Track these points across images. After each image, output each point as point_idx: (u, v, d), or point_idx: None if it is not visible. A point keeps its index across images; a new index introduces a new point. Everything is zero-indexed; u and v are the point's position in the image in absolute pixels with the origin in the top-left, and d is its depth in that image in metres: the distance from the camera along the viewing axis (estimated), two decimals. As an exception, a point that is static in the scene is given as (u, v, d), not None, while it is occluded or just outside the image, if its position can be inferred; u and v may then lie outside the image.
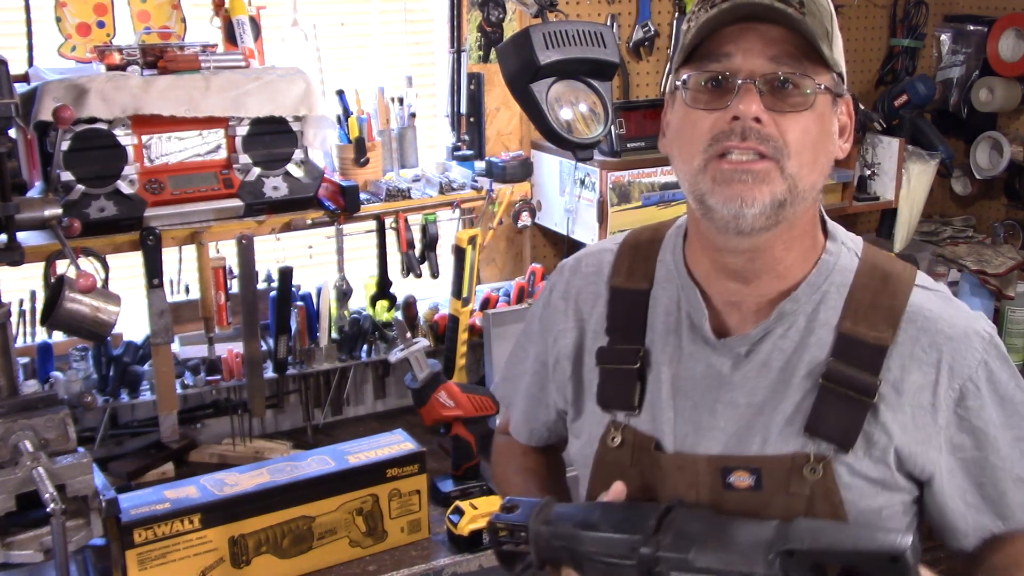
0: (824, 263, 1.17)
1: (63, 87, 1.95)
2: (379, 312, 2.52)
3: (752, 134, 1.05)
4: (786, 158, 1.06)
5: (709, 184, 1.08)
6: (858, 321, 1.14)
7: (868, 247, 1.22)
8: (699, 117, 1.09)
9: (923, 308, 1.15)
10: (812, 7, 1.07)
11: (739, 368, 1.17)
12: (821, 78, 1.09)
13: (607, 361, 1.24)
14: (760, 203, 1.06)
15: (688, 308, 1.20)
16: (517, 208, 2.56)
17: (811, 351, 1.14)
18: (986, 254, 3.02)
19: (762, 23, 1.06)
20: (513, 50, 2.20)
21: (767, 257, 1.14)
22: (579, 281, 1.32)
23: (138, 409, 2.36)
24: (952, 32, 3.30)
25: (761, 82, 1.06)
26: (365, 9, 2.62)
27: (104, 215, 2.03)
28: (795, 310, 1.16)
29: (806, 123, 1.08)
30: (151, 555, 1.81)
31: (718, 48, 1.08)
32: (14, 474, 1.57)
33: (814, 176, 1.10)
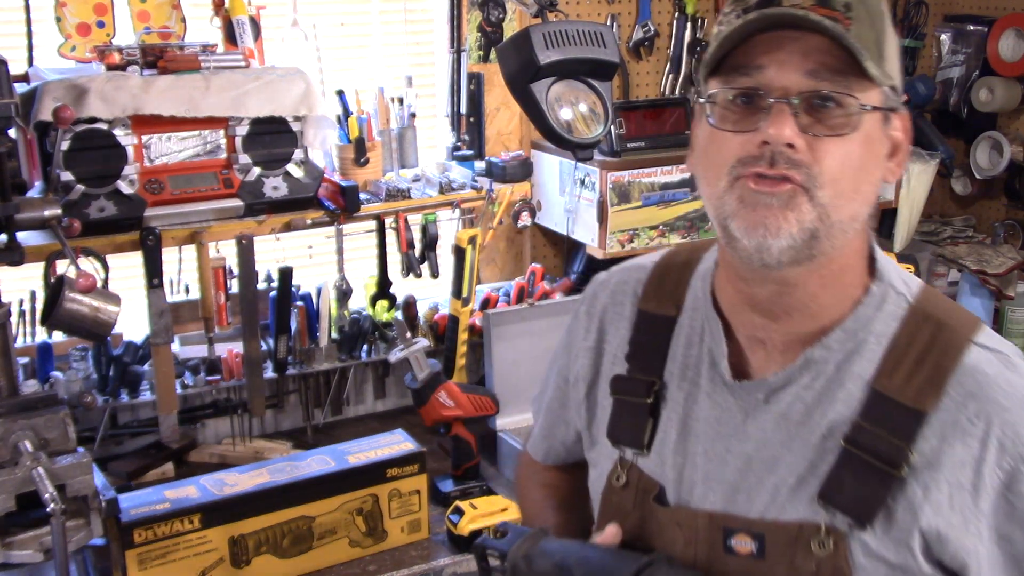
0: (864, 307, 1.03)
1: (63, 87, 1.95)
2: (379, 312, 2.52)
3: (782, 160, 0.93)
4: (817, 187, 0.94)
5: (734, 204, 0.96)
6: (896, 378, 0.99)
7: (927, 292, 1.05)
8: (725, 139, 0.97)
9: (976, 369, 0.97)
10: (860, 12, 0.94)
11: (755, 416, 1.05)
12: (869, 95, 0.95)
13: (621, 391, 1.15)
14: (787, 234, 0.94)
15: (710, 342, 1.10)
16: (517, 208, 2.56)
17: (837, 407, 1.01)
18: (986, 254, 3.02)
19: (800, 30, 0.93)
20: (513, 50, 2.20)
21: (799, 293, 1.01)
22: (606, 298, 1.23)
23: (138, 409, 2.36)
24: (952, 32, 3.30)
25: (797, 100, 0.93)
26: (365, 9, 2.62)
27: (104, 215, 2.03)
28: (825, 358, 1.02)
29: (847, 148, 0.94)
30: (151, 555, 1.81)
31: (749, 59, 0.95)
32: (14, 474, 1.57)
33: (853, 206, 0.97)
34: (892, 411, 0.97)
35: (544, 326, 2.44)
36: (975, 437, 0.95)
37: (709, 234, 2.69)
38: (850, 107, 0.94)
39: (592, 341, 1.22)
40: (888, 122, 0.99)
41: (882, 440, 0.97)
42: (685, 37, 2.88)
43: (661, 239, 2.61)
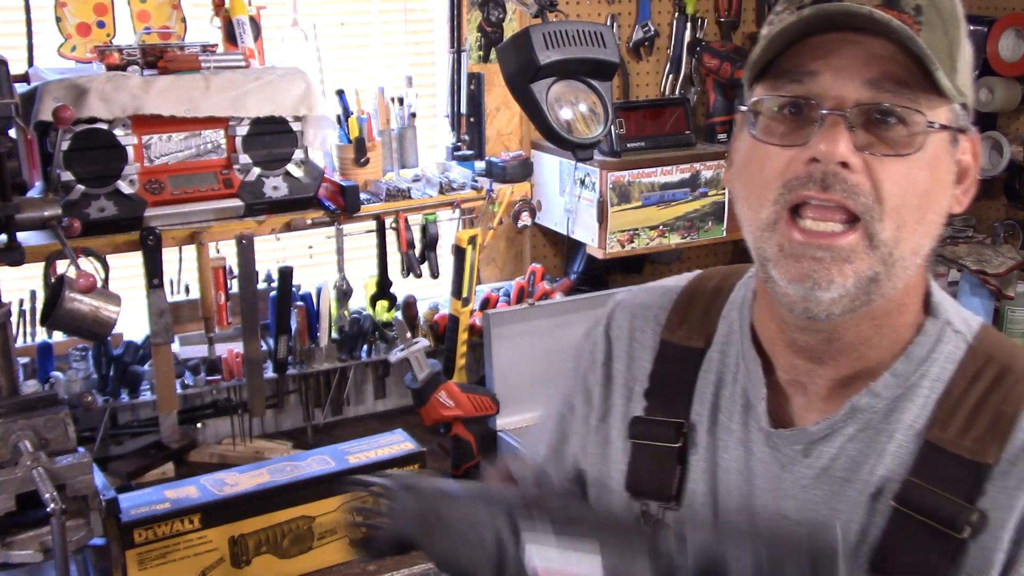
0: (917, 347, 0.91)
1: (63, 87, 1.95)
2: (379, 312, 2.52)
3: (836, 183, 0.81)
4: (877, 220, 0.81)
5: (775, 252, 0.85)
6: (952, 428, 0.87)
7: (988, 332, 0.94)
8: (770, 154, 0.85)
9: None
10: (932, 16, 0.82)
11: (792, 470, 0.92)
12: (937, 112, 0.82)
13: (643, 435, 1.01)
14: (839, 286, 0.83)
15: (745, 382, 0.97)
16: (517, 208, 2.56)
17: (886, 461, 0.89)
18: (986, 254, 3.02)
19: (862, 33, 0.80)
20: (513, 50, 2.20)
21: (849, 337, 0.89)
22: (625, 322, 1.08)
23: (138, 409, 2.36)
24: (952, 32, 3.30)
25: (854, 114, 0.81)
26: (365, 9, 2.62)
27: (104, 215, 2.03)
28: (872, 406, 0.90)
29: (911, 170, 0.82)
30: (151, 555, 1.81)
31: (801, 64, 0.83)
32: (14, 474, 1.57)
33: (916, 238, 0.85)
34: (949, 464, 0.86)
35: (544, 326, 2.44)
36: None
37: (710, 234, 2.69)
38: (915, 124, 0.81)
39: (609, 370, 1.08)
40: (956, 144, 0.87)
41: (939, 498, 0.85)
42: (685, 37, 2.87)
43: (661, 239, 2.61)
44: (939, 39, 0.82)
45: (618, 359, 1.07)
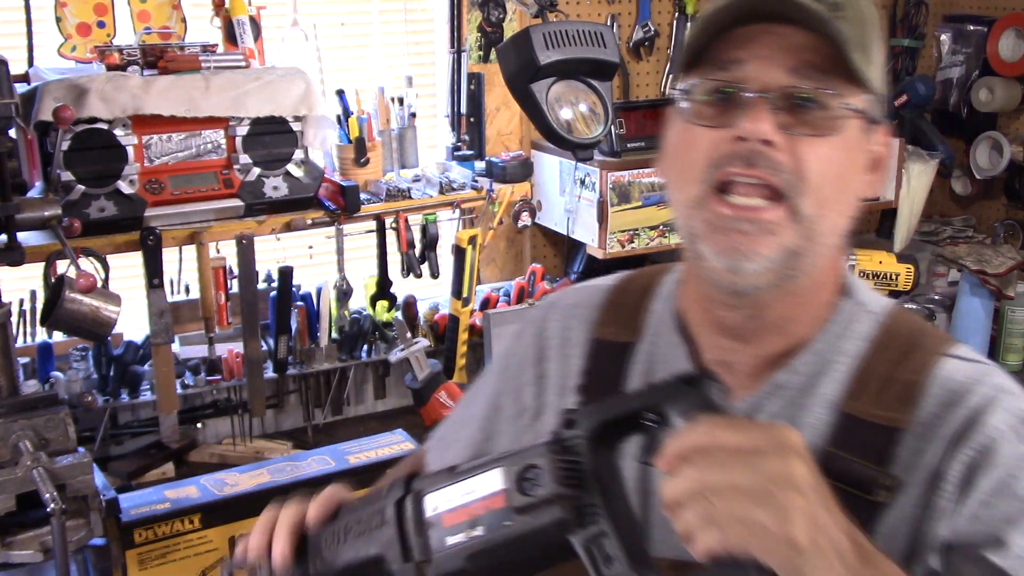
0: (833, 325, 0.96)
1: (63, 87, 1.95)
2: (379, 312, 2.52)
3: (761, 160, 0.86)
4: (800, 195, 0.86)
5: (702, 227, 0.89)
6: (866, 398, 0.92)
7: (898, 312, 0.99)
8: (699, 135, 0.90)
9: (950, 379, 0.92)
10: (848, 13, 0.86)
11: None
12: (852, 98, 0.88)
13: None
14: (764, 257, 0.87)
15: (672, 369, 0.99)
16: (517, 208, 2.56)
17: (805, 433, 0.88)
18: (986, 254, 3.02)
19: (784, 24, 0.86)
20: (513, 50, 2.20)
21: (773, 314, 0.93)
22: (556, 322, 1.11)
23: (138, 409, 2.36)
24: (952, 32, 3.30)
25: (777, 97, 0.86)
26: (365, 9, 2.62)
27: (104, 215, 2.03)
28: (793, 382, 0.95)
29: (830, 151, 0.87)
30: (151, 555, 1.81)
31: (727, 53, 0.88)
32: (14, 474, 1.57)
33: (835, 217, 0.90)
34: (863, 432, 0.91)
35: (544, 326, 2.44)
36: (944, 438, 0.89)
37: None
38: (832, 108, 0.87)
39: (541, 369, 1.10)
40: (870, 133, 0.92)
41: (855, 465, 0.89)
42: (685, 37, 2.88)
43: (661, 239, 2.61)
44: (855, 31, 0.86)
45: (550, 359, 1.10)
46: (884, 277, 2.41)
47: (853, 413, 0.92)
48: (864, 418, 0.91)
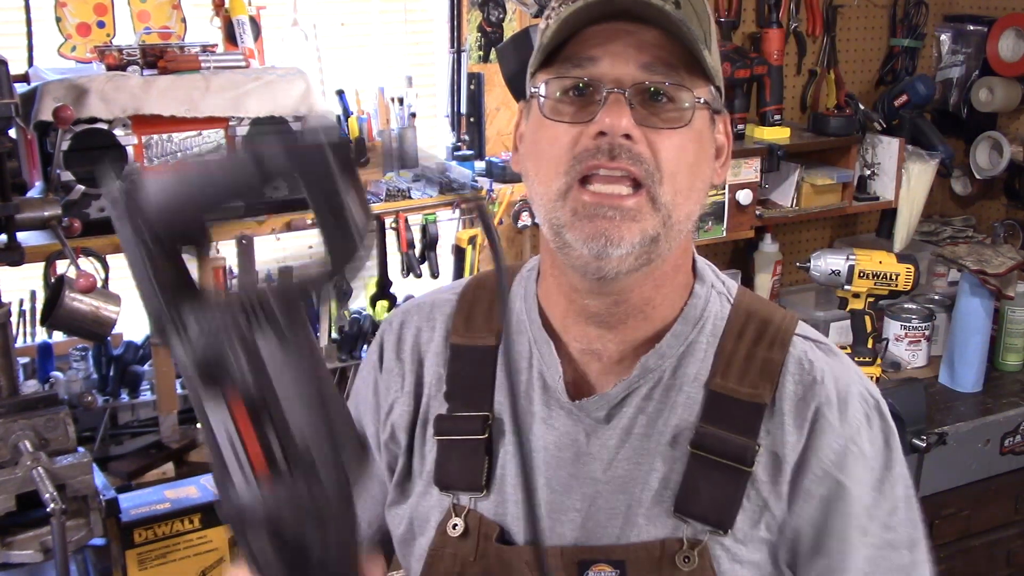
0: (691, 309, 1.01)
1: (63, 87, 1.95)
2: (379, 312, 2.52)
3: (622, 152, 0.89)
4: (658, 184, 0.90)
5: (568, 216, 0.91)
6: (730, 376, 0.98)
7: (744, 292, 1.06)
8: (559, 132, 0.92)
9: (803, 358, 0.99)
10: (688, 9, 0.91)
11: (597, 435, 0.99)
12: (699, 91, 0.92)
13: (447, 431, 1.03)
14: (628, 243, 0.90)
15: (540, 365, 1.02)
16: (517, 208, 2.56)
17: (678, 412, 0.98)
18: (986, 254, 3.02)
19: (633, 23, 0.89)
20: (513, 50, 2.21)
21: (634, 299, 0.97)
22: (412, 336, 1.11)
23: (138, 409, 2.36)
24: (952, 32, 3.30)
25: (631, 92, 0.90)
26: (365, 9, 2.62)
27: (104, 215, 2.03)
28: (660, 365, 0.99)
29: (682, 142, 0.92)
30: (151, 555, 1.81)
31: (582, 51, 0.91)
32: (14, 474, 1.57)
33: (690, 204, 0.94)
34: (732, 408, 0.97)
35: (544, 326, 2.44)
36: (808, 420, 0.97)
37: (709, 234, 2.69)
38: (683, 101, 0.91)
39: (409, 385, 1.09)
40: (715, 123, 0.97)
41: (727, 438, 0.95)
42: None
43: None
44: (695, 26, 0.91)
45: (411, 373, 1.09)
46: (884, 277, 2.41)
47: (721, 391, 0.98)
48: (731, 395, 0.97)
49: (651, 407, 0.99)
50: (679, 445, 0.97)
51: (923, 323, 2.75)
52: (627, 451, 0.98)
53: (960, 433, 2.48)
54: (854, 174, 2.98)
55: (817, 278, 2.47)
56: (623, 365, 1.00)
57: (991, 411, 2.57)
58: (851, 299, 2.45)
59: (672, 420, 0.98)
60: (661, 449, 0.97)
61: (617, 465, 0.98)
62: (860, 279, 2.41)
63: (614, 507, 0.98)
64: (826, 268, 2.44)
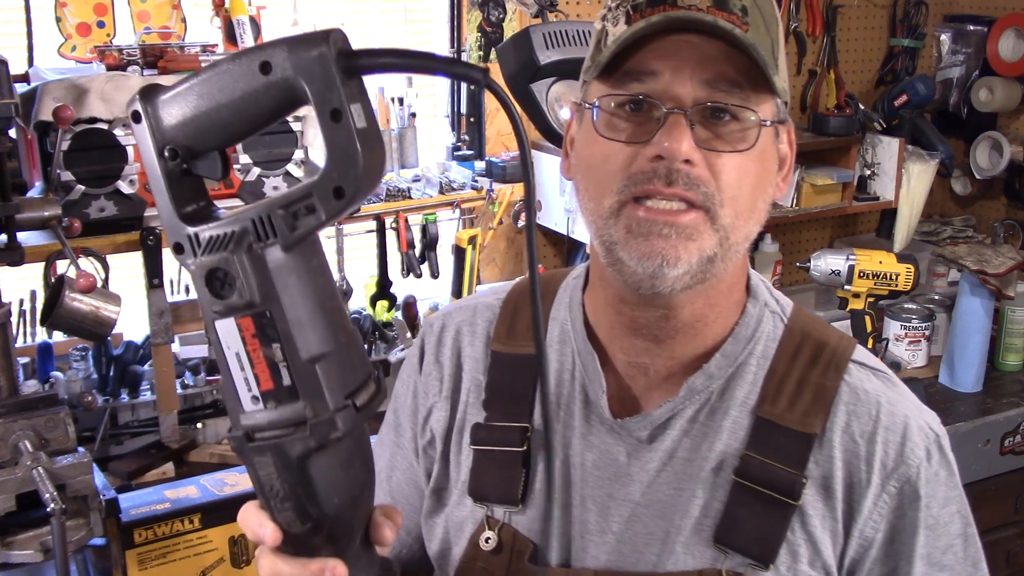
0: (742, 328, 0.96)
1: (63, 87, 1.95)
2: (379, 312, 2.52)
3: (680, 178, 0.85)
4: (719, 206, 0.86)
5: (622, 234, 0.87)
6: (780, 402, 0.93)
7: (799, 312, 1.00)
8: (614, 150, 0.88)
9: (859, 388, 0.94)
10: (756, 17, 0.86)
11: (638, 457, 0.95)
12: (765, 108, 0.87)
13: (484, 441, 1.00)
14: (685, 263, 0.86)
15: (583, 378, 0.99)
16: (517, 208, 2.56)
17: (723, 438, 0.93)
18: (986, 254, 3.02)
19: (698, 36, 0.85)
20: (513, 50, 2.20)
21: (686, 314, 0.93)
22: (452, 340, 1.08)
23: (138, 409, 2.36)
24: (952, 32, 3.30)
25: (693, 112, 0.85)
26: (365, 9, 2.62)
27: (104, 215, 2.03)
28: (707, 386, 0.95)
29: (744, 163, 0.87)
30: (151, 555, 1.81)
31: (642, 63, 0.86)
32: (14, 474, 1.57)
33: (750, 225, 0.90)
34: (780, 437, 0.92)
35: (544, 326, 2.44)
36: (861, 458, 0.92)
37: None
38: (748, 121, 0.86)
39: (447, 391, 1.06)
40: (778, 136, 0.92)
41: (774, 469, 0.90)
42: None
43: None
44: (763, 39, 0.86)
45: (450, 379, 1.07)
46: (884, 277, 2.41)
47: (770, 418, 0.93)
48: (780, 423, 0.92)
49: (696, 430, 0.94)
50: (723, 473, 0.92)
51: (923, 323, 2.75)
52: (668, 475, 0.94)
53: (960, 433, 2.48)
54: (854, 174, 2.98)
55: (817, 278, 2.46)
56: (670, 382, 0.96)
57: (991, 411, 2.57)
58: (851, 299, 2.45)
59: (717, 446, 0.93)
60: (704, 476, 0.93)
61: (657, 488, 0.94)
62: (860, 279, 2.41)
63: (652, 532, 0.94)
64: (826, 268, 2.44)
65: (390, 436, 1.13)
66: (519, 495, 0.98)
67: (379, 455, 1.12)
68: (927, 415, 0.96)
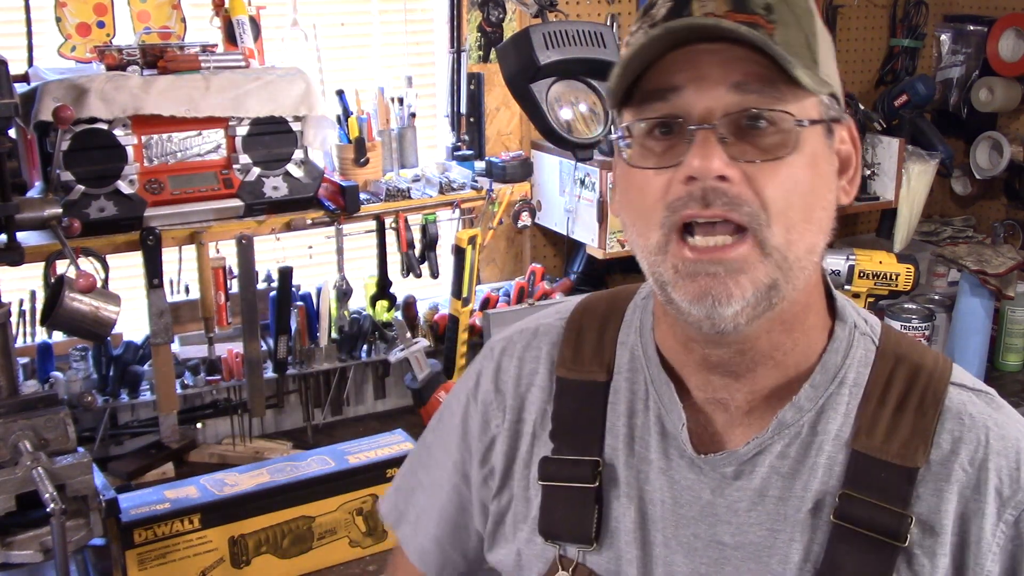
0: (831, 354, 0.89)
1: (63, 87, 1.95)
2: (379, 312, 2.52)
3: (717, 198, 0.79)
4: (765, 226, 0.79)
5: (671, 274, 0.82)
6: (877, 434, 0.86)
7: (889, 331, 0.93)
8: (649, 178, 0.82)
9: (963, 412, 0.87)
10: (784, 13, 0.80)
11: (724, 494, 0.89)
12: (806, 105, 0.81)
13: (554, 477, 0.95)
14: (740, 299, 0.80)
15: (659, 409, 0.93)
16: (517, 208, 2.56)
17: (819, 475, 0.87)
18: (986, 254, 3.02)
19: (718, 41, 0.79)
20: (513, 50, 2.20)
21: (761, 345, 0.87)
22: (514, 369, 1.02)
23: (138, 409, 2.36)
24: (952, 32, 3.30)
25: (723, 124, 0.79)
26: (365, 9, 2.62)
27: (104, 215, 2.03)
28: (798, 419, 0.88)
29: (791, 172, 0.80)
30: (151, 555, 1.81)
31: (663, 81, 0.81)
32: (14, 474, 1.57)
33: (809, 237, 0.83)
34: (880, 473, 0.85)
35: (544, 326, 2.43)
36: (971, 487, 0.85)
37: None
38: (785, 123, 0.80)
39: (508, 419, 1.01)
40: (832, 135, 0.86)
41: (877, 509, 0.84)
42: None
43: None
44: (795, 34, 0.80)
45: (512, 409, 1.01)
46: (884, 277, 2.41)
47: (867, 452, 0.86)
48: (879, 457, 0.85)
49: (786, 467, 0.88)
50: (821, 514, 0.86)
51: (923, 323, 2.75)
52: (760, 515, 0.88)
53: (960, 433, 2.48)
54: (854, 174, 2.98)
55: (817, 278, 2.46)
56: (753, 416, 0.90)
57: (991, 411, 2.57)
58: (851, 299, 2.45)
59: (812, 484, 0.87)
60: (801, 517, 0.87)
61: (749, 530, 0.88)
62: (860, 279, 2.41)
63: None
64: (826, 268, 2.44)
65: (430, 448, 1.10)
66: (593, 534, 0.92)
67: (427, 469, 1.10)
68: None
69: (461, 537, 1.08)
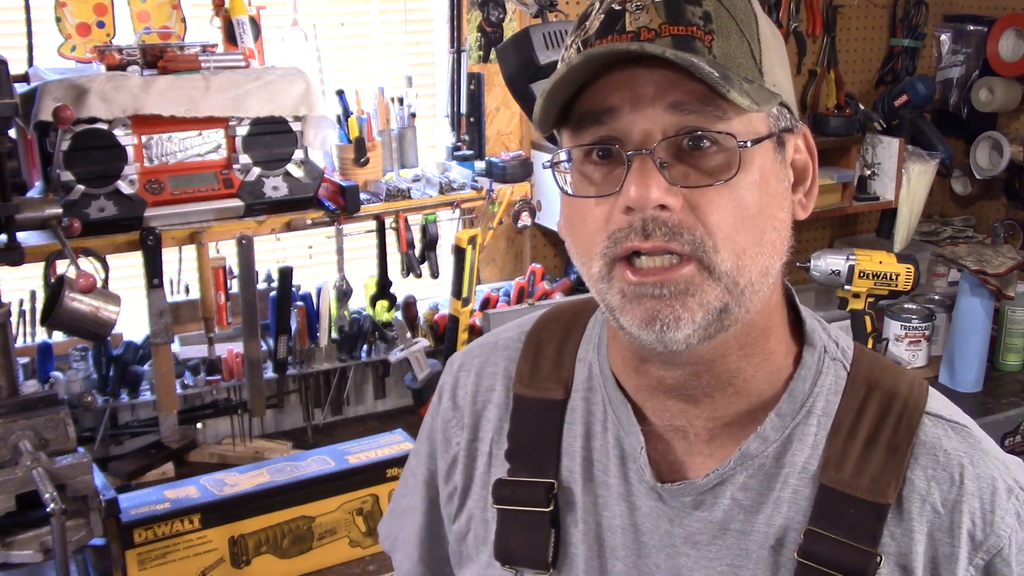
0: (798, 382, 0.84)
1: (63, 87, 1.95)
2: (379, 312, 2.52)
3: (657, 227, 0.74)
4: (712, 252, 0.75)
5: (617, 299, 0.78)
6: (846, 468, 0.81)
7: (862, 353, 0.88)
8: (588, 207, 0.77)
9: (936, 449, 0.82)
10: (724, 21, 0.75)
11: (683, 525, 0.85)
12: (752, 119, 0.76)
13: (509, 500, 0.90)
14: (688, 323, 0.76)
15: (618, 430, 0.88)
16: (517, 208, 2.56)
17: (783, 510, 0.82)
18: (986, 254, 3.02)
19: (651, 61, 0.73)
20: (513, 50, 2.20)
21: (717, 369, 0.82)
22: (471, 384, 0.98)
23: (138, 409, 2.36)
24: (952, 32, 3.30)
25: (663, 147, 0.74)
26: (365, 9, 2.62)
27: (104, 215, 2.03)
28: (763, 450, 0.83)
29: (737, 195, 0.75)
30: (151, 555, 1.81)
31: (599, 100, 0.75)
32: (14, 474, 1.57)
33: (761, 260, 0.78)
34: (849, 509, 0.80)
35: (544, 326, 2.43)
36: (943, 530, 0.81)
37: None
38: (730, 142, 0.74)
39: (464, 439, 0.97)
40: (783, 147, 0.80)
41: (844, 547, 0.79)
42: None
43: (661, 239, 2.60)
44: (736, 44, 0.75)
45: (474, 427, 0.97)
46: (884, 277, 2.41)
47: (835, 487, 0.81)
48: (848, 492, 0.81)
49: (749, 499, 0.83)
50: (784, 551, 0.82)
51: (923, 323, 2.75)
52: (720, 549, 0.84)
53: (960, 433, 2.48)
54: (854, 174, 2.98)
55: (817, 278, 2.46)
56: (715, 445, 0.85)
57: (991, 411, 2.57)
58: (851, 299, 2.45)
59: (776, 520, 0.82)
60: (763, 554, 0.82)
61: (709, 564, 0.84)
62: (860, 279, 2.41)
63: None
64: (826, 268, 2.44)
65: (412, 469, 1.07)
66: (549, 559, 0.88)
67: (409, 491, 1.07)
68: (1014, 470, 0.84)
69: (445, 553, 1.05)
